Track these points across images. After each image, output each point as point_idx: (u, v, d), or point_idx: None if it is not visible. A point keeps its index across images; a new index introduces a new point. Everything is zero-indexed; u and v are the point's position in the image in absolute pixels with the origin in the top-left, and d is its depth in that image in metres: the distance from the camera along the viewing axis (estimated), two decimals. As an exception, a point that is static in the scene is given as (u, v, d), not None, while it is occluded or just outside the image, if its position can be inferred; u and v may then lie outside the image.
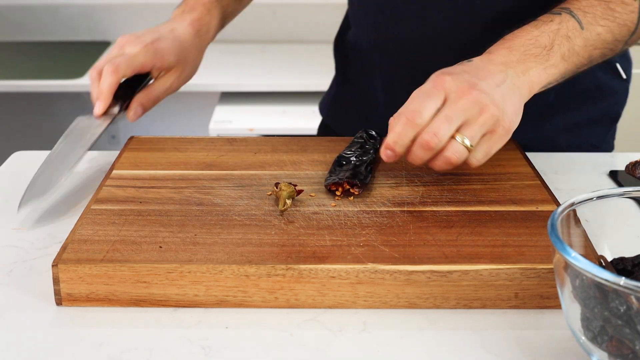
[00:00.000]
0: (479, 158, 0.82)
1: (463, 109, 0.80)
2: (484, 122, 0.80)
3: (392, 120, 0.82)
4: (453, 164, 0.81)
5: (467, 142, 0.80)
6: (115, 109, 0.98)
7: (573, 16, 0.89)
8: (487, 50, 0.88)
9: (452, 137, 0.80)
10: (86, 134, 0.94)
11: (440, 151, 0.81)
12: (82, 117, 0.98)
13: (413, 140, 0.81)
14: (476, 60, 0.86)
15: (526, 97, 0.86)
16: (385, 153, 0.82)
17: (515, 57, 0.86)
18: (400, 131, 0.81)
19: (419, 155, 0.81)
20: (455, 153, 0.80)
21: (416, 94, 0.82)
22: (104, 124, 0.96)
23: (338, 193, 0.84)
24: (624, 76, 1.15)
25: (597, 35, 0.90)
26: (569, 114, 1.12)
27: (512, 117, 0.83)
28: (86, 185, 0.96)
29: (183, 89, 2.30)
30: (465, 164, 0.82)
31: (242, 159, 0.95)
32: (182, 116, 2.76)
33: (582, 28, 0.89)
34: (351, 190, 0.84)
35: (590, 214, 0.69)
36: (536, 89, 0.87)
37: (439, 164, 0.82)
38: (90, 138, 0.94)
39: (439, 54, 1.05)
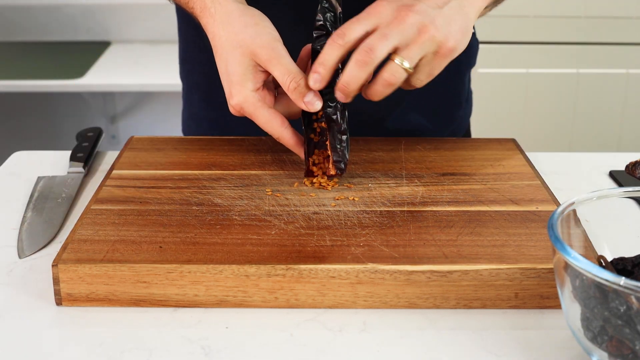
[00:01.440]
0: (422, 79, 0.83)
1: (400, 29, 0.79)
2: (423, 43, 0.80)
3: None
4: (392, 86, 0.81)
5: (407, 64, 0.80)
6: (81, 169, 0.98)
7: None
8: None
9: (391, 59, 0.80)
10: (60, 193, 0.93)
11: (379, 74, 0.81)
12: (45, 177, 0.97)
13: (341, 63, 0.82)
14: None
15: (473, 17, 0.85)
16: (312, 77, 0.82)
17: None
18: (324, 52, 0.81)
19: (354, 74, 0.80)
20: (394, 74, 0.80)
21: (347, 21, 0.81)
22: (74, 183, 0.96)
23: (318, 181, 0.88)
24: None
25: None
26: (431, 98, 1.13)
27: (457, 36, 0.82)
28: (86, 185, 0.96)
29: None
30: (408, 85, 0.83)
31: (242, 159, 0.95)
32: (182, 116, 2.76)
33: None
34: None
35: (590, 214, 0.69)
36: (481, 8, 0.87)
37: (377, 89, 0.81)
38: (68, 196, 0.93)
39: None
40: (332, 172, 0.87)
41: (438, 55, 0.81)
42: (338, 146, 0.86)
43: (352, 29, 0.80)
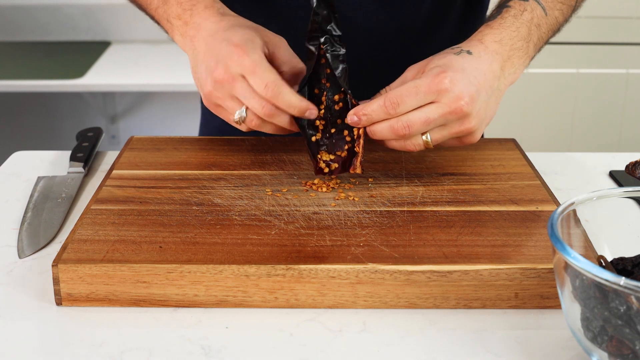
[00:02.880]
0: (431, 147, 0.85)
1: (446, 118, 0.81)
2: (456, 133, 0.83)
3: (377, 95, 0.85)
4: (408, 152, 0.85)
5: (429, 140, 0.83)
6: (81, 169, 0.98)
7: (539, 3, 0.92)
8: (478, 39, 0.88)
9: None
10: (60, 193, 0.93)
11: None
12: (46, 177, 0.97)
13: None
14: (475, 53, 0.85)
15: (502, 95, 0.88)
16: (351, 118, 0.83)
17: (505, 52, 0.87)
18: (374, 109, 0.82)
19: (383, 134, 0.83)
20: (414, 146, 0.83)
21: (410, 84, 0.82)
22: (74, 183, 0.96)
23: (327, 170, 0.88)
24: None
25: (555, 19, 0.94)
26: None
27: (483, 128, 0.85)
28: (86, 185, 0.96)
29: (184, 88, 2.30)
30: None
31: (242, 159, 0.95)
32: (182, 116, 2.76)
33: (546, 14, 0.92)
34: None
35: (590, 214, 0.69)
36: (514, 83, 0.90)
37: (394, 145, 0.84)
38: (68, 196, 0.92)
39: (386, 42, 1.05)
40: (359, 170, 0.86)
41: (459, 139, 0.85)
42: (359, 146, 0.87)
43: (407, 103, 0.81)
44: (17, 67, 2.50)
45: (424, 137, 0.82)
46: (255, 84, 0.81)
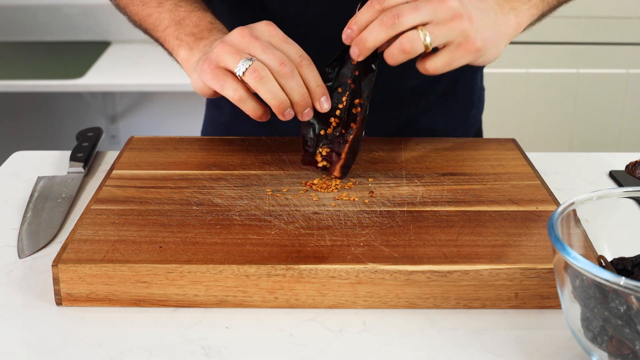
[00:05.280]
0: (438, 66, 0.83)
1: (434, 7, 0.80)
2: (451, 29, 0.81)
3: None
4: (406, 54, 0.81)
5: (428, 40, 0.80)
6: (81, 169, 0.98)
7: None
8: None
9: (415, 29, 0.80)
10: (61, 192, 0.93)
11: (398, 38, 0.81)
12: (45, 177, 0.96)
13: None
14: None
15: (510, 35, 0.86)
16: (345, 32, 0.83)
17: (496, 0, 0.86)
18: (362, 12, 0.82)
19: (373, 33, 0.81)
20: (411, 43, 0.80)
21: None
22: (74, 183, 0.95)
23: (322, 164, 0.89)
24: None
25: None
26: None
27: (487, 43, 0.83)
28: (86, 185, 0.96)
29: (184, 88, 2.30)
30: (423, 67, 0.83)
31: (242, 159, 0.95)
32: (182, 116, 2.76)
33: None
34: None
35: (590, 214, 0.69)
36: (521, 28, 0.88)
37: (393, 51, 0.81)
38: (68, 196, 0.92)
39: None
40: (337, 173, 0.87)
41: (462, 47, 0.82)
42: (352, 152, 0.87)
43: None
44: (17, 67, 2.50)
45: (420, 33, 0.80)
46: (289, 51, 0.82)
